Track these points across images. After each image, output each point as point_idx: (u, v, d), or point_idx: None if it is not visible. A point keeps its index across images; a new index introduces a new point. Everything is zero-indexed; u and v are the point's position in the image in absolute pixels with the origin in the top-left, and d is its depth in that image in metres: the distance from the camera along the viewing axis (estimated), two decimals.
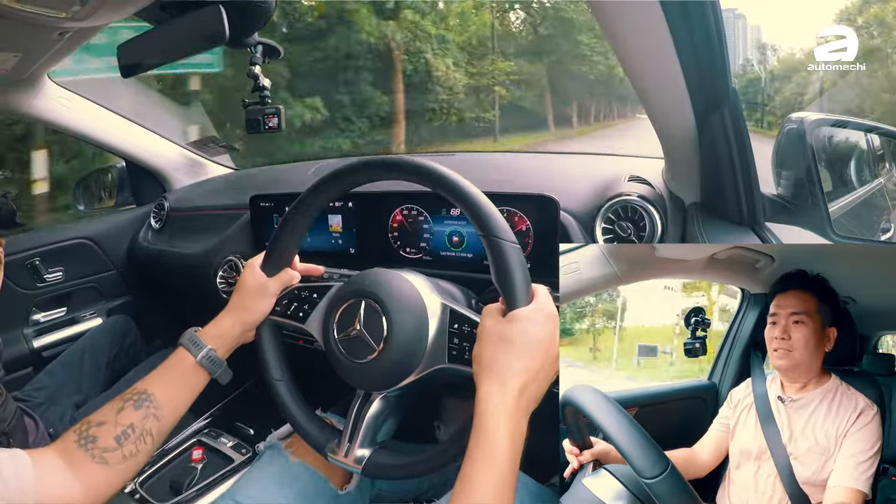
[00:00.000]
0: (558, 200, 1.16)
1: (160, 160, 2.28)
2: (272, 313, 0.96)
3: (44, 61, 1.52)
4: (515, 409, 0.70)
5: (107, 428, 0.80)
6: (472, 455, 0.69)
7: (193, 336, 0.92)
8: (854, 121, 1.39)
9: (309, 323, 0.92)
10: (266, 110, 1.38)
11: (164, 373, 0.90)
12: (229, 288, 1.66)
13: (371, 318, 0.83)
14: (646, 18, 0.80)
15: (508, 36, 13.03)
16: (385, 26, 10.70)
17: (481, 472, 0.67)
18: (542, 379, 0.73)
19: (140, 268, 2.22)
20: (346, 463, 0.86)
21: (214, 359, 0.91)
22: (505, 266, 0.76)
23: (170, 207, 2.16)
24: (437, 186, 0.83)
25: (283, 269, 0.98)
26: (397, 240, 1.38)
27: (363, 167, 0.90)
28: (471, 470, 0.68)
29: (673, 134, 1.09)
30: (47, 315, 2.08)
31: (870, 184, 1.43)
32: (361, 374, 0.85)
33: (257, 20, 1.17)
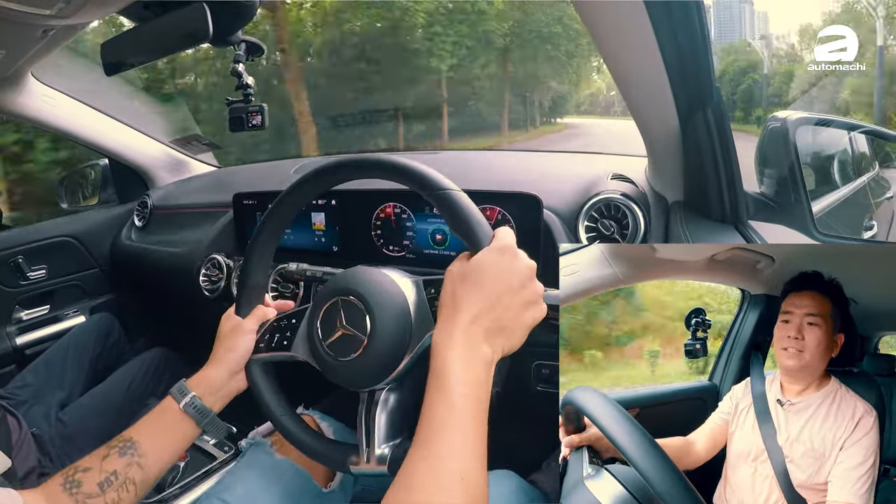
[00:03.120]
0: (541, 199, 1.16)
1: (144, 158, 2.28)
2: (256, 351, 0.93)
3: (27, 59, 1.51)
4: (465, 339, 0.69)
5: (91, 474, 0.80)
6: (428, 397, 0.67)
7: (181, 384, 0.90)
8: (838, 119, 1.39)
9: (295, 348, 0.90)
10: (249, 108, 1.36)
11: (150, 421, 0.88)
12: (212, 286, 1.65)
13: (353, 314, 0.81)
14: (630, 18, 0.80)
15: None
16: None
17: (436, 409, 0.66)
18: (502, 310, 0.71)
19: (123, 266, 2.22)
20: (370, 469, 0.83)
21: (199, 406, 0.88)
22: (457, 213, 0.77)
23: (153, 205, 2.16)
24: (368, 172, 0.85)
25: (255, 307, 0.97)
26: (380, 238, 1.37)
27: (309, 181, 0.91)
28: (427, 412, 0.66)
29: (656, 132, 1.09)
30: (30, 313, 2.07)
31: (853, 182, 1.43)
32: (352, 372, 0.82)
33: (241, 18, 1.16)
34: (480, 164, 1.74)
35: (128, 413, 1.74)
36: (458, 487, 0.61)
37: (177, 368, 1.94)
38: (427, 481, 0.62)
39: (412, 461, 0.64)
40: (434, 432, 0.65)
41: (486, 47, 11.88)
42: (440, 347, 0.69)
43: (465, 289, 0.71)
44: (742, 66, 9.53)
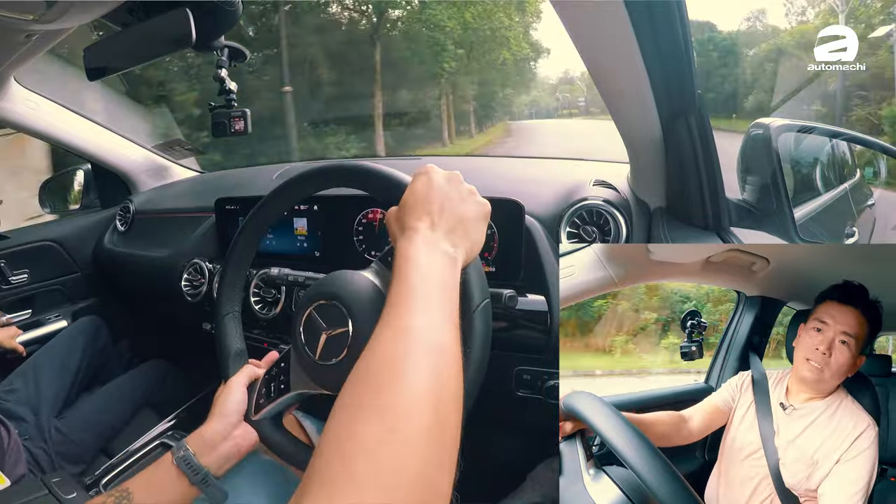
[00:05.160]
0: (523, 204, 1.15)
1: (126, 163, 2.28)
2: (259, 409, 0.91)
3: (10, 63, 1.50)
4: (426, 242, 0.67)
5: None
6: (390, 292, 0.63)
7: (180, 441, 0.87)
8: (820, 126, 1.40)
9: (294, 384, 0.88)
10: (232, 113, 1.35)
11: (148, 472, 0.85)
12: (194, 290, 1.65)
13: (332, 316, 0.80)
14: (612, 24, 0.80)
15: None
16: None
17: (399, 287, 0.62)
18: (450, 210, 0.71)
19: (105, 270, 2.20)
20: None
21: (192, 463, 0.83)
22: (371, 179, 0.84)
23: (135, 210, 2.15)
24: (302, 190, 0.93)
25: (242, 366, 0.96)
26: (362, 242, 1.37)
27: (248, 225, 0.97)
28: (390, 295, 0.63)
29: (639, 139, 1.09)
30: (12, 317, 2.04)
31: (835, 189, 1.44)
32: (340, 375, 0.81)
33: (224, 23, 1.16)
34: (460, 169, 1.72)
35: (125, 422, 1.75)
36: (421, 349, 0.56)
37: (175, 380, 1.95)
38: (386, 345, 0.57)
39: (373, 335, 0.59)
40: (392, 306, 0.61)
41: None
42: (402, 251, 0.67)
43: (407, 213, 0.72)
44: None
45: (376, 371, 0.55)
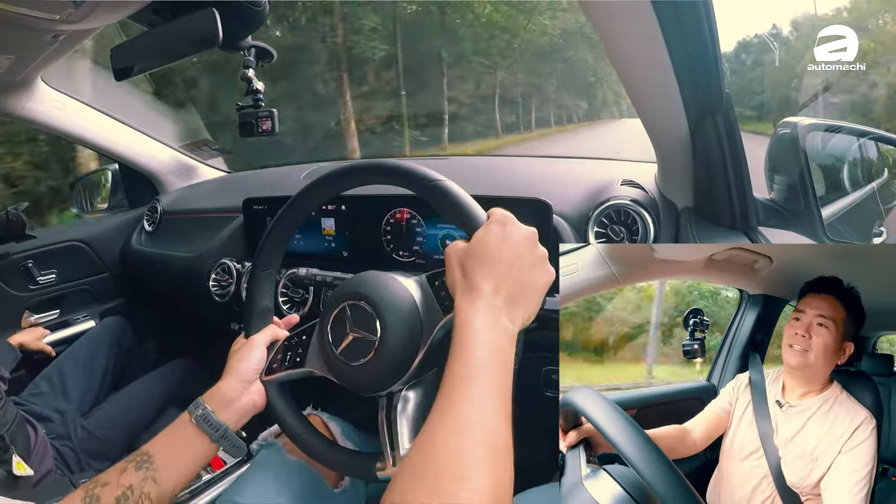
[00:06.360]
0: (551, 204, 1.16)
1: (153, 163, 2.29)
2: (270, 372, 0.93)
3: (37, 64, 1.52)
4: (488, 309, 0.67)
5: (109, 489, 0.79)
6: (449, 361, 0.64)
7: (197, 399, 0.89)
8: (848, 125, 1.38)
9: (309, 363, 0.89)
10: (259, 113, 1.37)
11: (166, 435, 0.86)
12: (222, 291, 1.66)
13: (362, 318, 0.81)
14: (640, 24, 0.80)
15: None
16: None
17: (456, 368, 0.63)
18: (517, 277, 0.70)
19: (133, 270, 2.23)
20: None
21: (211, 420, 0.86)
22: (449, 201, 0.78)
23: (163, 210, 2.17)
24: (356, 180, 0.87)
25: (265, 326, 0.97)
26: (390, 243, 1.38)
27: (294, 205, 0.93)
28: (448, 374, 0.63)
29: (666, 138, 1.09)
30: (40, 317, 2.07)
31: (863, 188, 1.42)
32: (367, 375, 0.82)
33: (251, 23, 1.17)
34: (487, 169, 1.74)
35: (151, 420, 1.77)
36: (482, 448, 0.56)
37: (201, 379, 1.94)
38: (448, 440, 0.57)
39: (430, 422, 0.60)
40: (454, 389, 0.62)
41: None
42: (463, 316, 0.67)
43: (475, 264, 0.70)
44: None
45: (438, 471, 0.55)
